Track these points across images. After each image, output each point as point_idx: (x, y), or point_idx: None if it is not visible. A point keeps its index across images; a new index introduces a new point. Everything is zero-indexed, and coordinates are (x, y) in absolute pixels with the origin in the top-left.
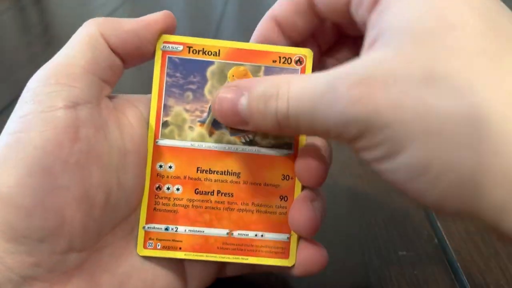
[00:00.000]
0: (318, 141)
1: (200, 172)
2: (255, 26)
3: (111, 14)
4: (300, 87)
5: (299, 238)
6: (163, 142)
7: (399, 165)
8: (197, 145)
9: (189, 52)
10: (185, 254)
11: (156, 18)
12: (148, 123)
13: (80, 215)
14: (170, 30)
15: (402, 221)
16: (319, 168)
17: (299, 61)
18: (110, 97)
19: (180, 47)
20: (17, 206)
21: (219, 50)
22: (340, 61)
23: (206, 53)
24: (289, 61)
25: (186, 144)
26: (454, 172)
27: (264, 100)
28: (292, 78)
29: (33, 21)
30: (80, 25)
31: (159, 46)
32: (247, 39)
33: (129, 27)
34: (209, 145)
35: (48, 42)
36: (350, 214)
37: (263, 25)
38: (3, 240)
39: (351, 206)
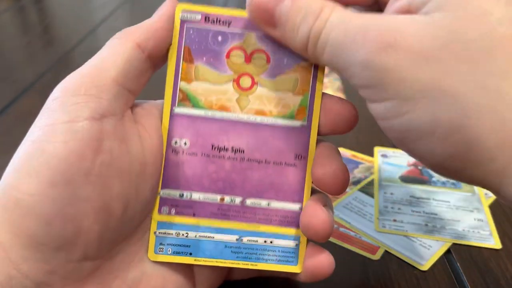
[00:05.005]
0: (332, 148)
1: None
2: None
3: (111, 14)
4: (341, 17)
5: (307, 244)
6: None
7: (408, 124)
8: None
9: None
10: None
11: (170, 6)
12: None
13: (97, 226)
14: None
15: None
16: (343, 175)
17: None
18: (131, 107)
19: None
20: (37, 214)
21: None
22: None
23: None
24: None
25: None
26: (461, 134)
27: (304, 13)
28: (336, 7)
29: (33, 21)
30: (80, 25)
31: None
32: None
33: (158, 25)
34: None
35: (48, 42)
36: None
37: None
38: (20, 247)
39: None
